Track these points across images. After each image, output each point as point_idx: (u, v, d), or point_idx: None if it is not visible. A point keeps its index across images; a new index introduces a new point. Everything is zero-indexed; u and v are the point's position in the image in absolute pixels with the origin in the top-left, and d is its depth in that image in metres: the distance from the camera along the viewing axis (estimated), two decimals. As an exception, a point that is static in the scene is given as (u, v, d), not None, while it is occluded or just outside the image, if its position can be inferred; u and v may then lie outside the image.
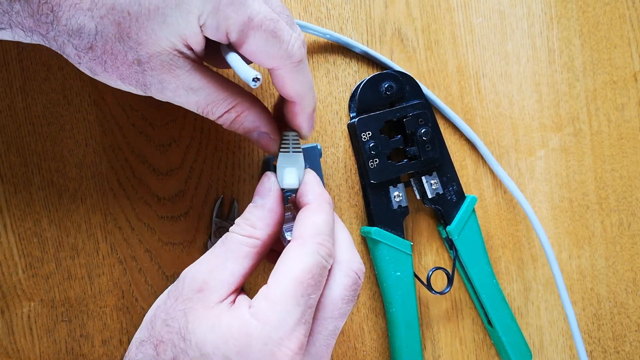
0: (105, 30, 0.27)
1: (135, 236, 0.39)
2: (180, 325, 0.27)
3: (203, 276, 0.28)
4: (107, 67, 0.28)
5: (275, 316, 0.26)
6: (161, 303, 0.30)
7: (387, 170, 0.39)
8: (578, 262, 0.45)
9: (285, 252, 0.29)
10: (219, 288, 0.28)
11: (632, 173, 0.45)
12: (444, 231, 0.42)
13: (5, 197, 0.37)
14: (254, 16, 0.27)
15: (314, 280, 0.27)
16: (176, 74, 0.28)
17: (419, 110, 0.40)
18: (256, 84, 0.28)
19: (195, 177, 0.39)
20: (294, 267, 0.27)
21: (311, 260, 0.28)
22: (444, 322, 0.43)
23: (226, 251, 0.29)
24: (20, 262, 0.37)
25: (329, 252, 0.29)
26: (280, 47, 0.28)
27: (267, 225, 0.30)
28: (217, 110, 0.31)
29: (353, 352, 0.42)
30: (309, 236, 0.29)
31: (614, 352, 0.46)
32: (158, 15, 0.26)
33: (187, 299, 0.28)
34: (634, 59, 0.45)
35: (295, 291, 0.27)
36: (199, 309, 0.27)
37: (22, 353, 0.38)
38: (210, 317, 0.27)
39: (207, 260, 0.29)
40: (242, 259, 0.29)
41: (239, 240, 0.30)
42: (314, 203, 0.31)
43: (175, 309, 0.28)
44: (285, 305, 0.26)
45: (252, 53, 0.29)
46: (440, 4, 0.42)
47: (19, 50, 0.37)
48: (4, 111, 0.37)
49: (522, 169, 0.44)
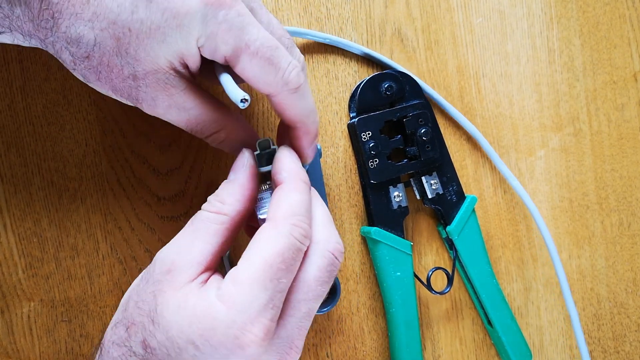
0: (103, 43, 0.27)
1: (135, 236, 0.39)
2: (150, 308, 0.27)
3: (171, 257, 0.28)
4: (101, 77, 0.28)
5: (241, 299, 0.25)
6: (134, 285, 0.29)
7: (387, 170, 0.39)
8: (578, 262, 0.45)
9: (257, 234, 0.28)
10: (187, 268, 0.27)
11: (632, 173, 0.45)
12: (444, 231, 0.42)
13: (5, 197, 0.37)
14: (251, 43, 0.28)
15: (285, 264, 0.26)
16: (170, 92, 0.29)
17: (419, 110, 0.40)
18: (244, 105, 0.28)
19: (195, 177, 0.39)
20: (265, 249, 0.27)
21: (283, 243, 0.27)
22: (444, 322, 0.43)
23: (194, 230, 0.29)
24: (20, 262, 0.37)
25: (304, 234, 0.28)
26: (276, 75, 0.29)
27: (236, 200, 0.30)
28: (206, 131, 0.31)
29: (353, 352, 0.42)
30: (282, 217, 0.28)
31: (614, 352, 0.46)
32: (158, 34, 0.27)
33: (157, 281, 0.27)
34: (634, 59, 0.45)
35: (263, 275, 0.26)
36: (167, 290, 0.27)
37: (22, 353, 0.38)
38: (178, 298, 0.27)
39: (176, 241, 0.29)
40: (211, 236, 0.28)
41: (207, 218, 0.29)
42: (288, 182, 0.30)
43: (145, 291, 0.28)
44: (252, 289, 0.26)
45: (248, 79, 0.29)
46: (440, 4, 0.42)
47: (19, 51, 0.37)
48: (4, 111, 0.37)
49: (522, 169, 0.44)
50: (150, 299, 0.27)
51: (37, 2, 0.26)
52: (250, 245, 0.27)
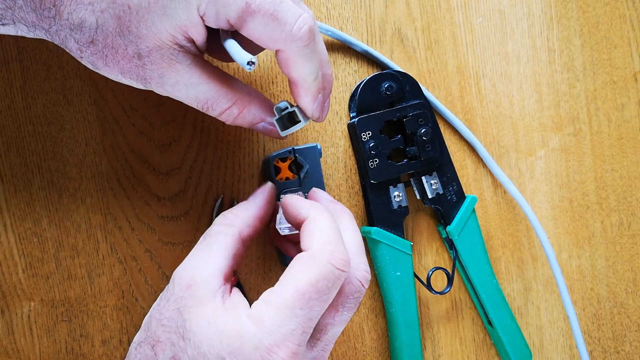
0: (105, 24, 0.27)
1: (135, 236, 0.39)
2: (178, 324, 0.27)
3: (189, 273, 0.29)
4: (108, 61, 0.28)
5: (270, 322, 0.26)
6: (155, 305, 0.30)
7: (387, 170, 0.39)
8: (578, 262, 0.45)
9: (294, 261, 0.28)
10: (206, 281, 0.28)
11: (632, 173, 0.45)
12: (444, 231, 0.42)
13: (5, 197, 0.37)
14: (252, 1, 0.27)
15: (319, 293, 0.27)
16: (176, 68, 0.28)
17: (419, 110, 0.40)
18: (251, 68, 0.27)
19: (195, 177, 0.39)
20: (299, 278, 0.27)
21: (319, 273, 0.27)
22: (444, 322, 0.43)
23: (207, 244, 0.30)
24: (20, 262, 0.37)
25: (344, 260, 0.28)
26: (282, 30, 0.27)
27: (249, 215, 0.31)
28: (217, 107, 0.31)
29: (353, 352, 0.42)
30: (319, 246, 0.28)
31: (614, 352, 0.46)
32: (158, 8, 0.26)
33: (179, 298, 0.28)
34: (634, 59, 0.45)
35: (294, 303, 0.26)
36: (192, 305, 0.28)
37: (22, 353, 0.38)
38: (206, 314, 0.27)
39: (191, 258, 0.30)
40: (224, 249, 0.30)
41: (219, 231, 0.30)
42: (311, 214, 0.30)
43: (168, 308, 0.28)
44: (282, 314, 0.26)
45: (256, 39, 0.28)
46: (440, 4, 0.42)
47: (19, 50, 0.37)
48: (4, 111, 0.37)
49: (522, 169, 0.44)
50: (176, 316, 0.28)
51: None
52: (286, 271, 0.28)
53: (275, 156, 0.38)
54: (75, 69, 0.38)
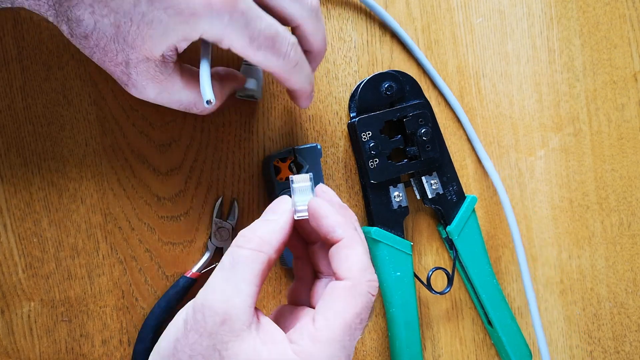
0: (103, 29, 0.27)
1: (135, 236, 0.39)
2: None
3: (221, 307, 0.26)
4: (95, 57, 0.29)
5: (322, 358, 0.26)
6: (179, 336, 0.27)
7: (387, 170, 0.39)
8: (578, 262, 0.45)
9: (334, 291, 0.28)
10: (240, 315, 0.26)
11: (632, 173, 0.45)
12: (444, 231, 0.42)
13: (5, 197, 0.37)
14: (255, 38, 0.29)
15: (362, 322, 0.27)
16: (159, 79, 0.29)
17: (419, 110, 0.40)
18: (209, 106, 0.29)
19: (195, 177, 0.39)
20: (345, 310, 0.27)
21: (362, 303, 0.27)
22: (444, 322, 0.43)
23: (236, 273, 0.27)
24: (20, 262, 0.37)
25: (377, 286, 0.28)
26: (278, 59, 0.30)
27: (277, 241, 0.29)
28: (199, 106, 0.32)
29: (353, 352, 0.42)
30: (358, 275, 0.28)
31: (614, 352, 0.46)
32: (160, 28, 0.27)
33: (212, 333, 0.26)
34: (634, 59, 0.45)
35: (343, 336, 0.26)
36: (229, 341, 0.26)
37: (22, 353, 0.38)
38: (247, 350, 0.26)
39: (220, 287, 0.27)
40: (255, 277, 0.27)
41: (248, 257, 0.28)
42: (347, 237, 0.29)
43: (201, 344, 0.26)
44: (332, 349, 0.26)
45: (252, 62, 0.30)
46: (440, 4, 0.42)
47: (19, 50, 0.37)
48: (4, 111, 0.37)
49: (522, 169, 0.44)
50: (212, 352, 0.26)
51: None
52: (328, 304, 0.28)
53: (275, 156, 0.38)
54: (75, 69, 0.38)
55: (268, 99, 0.40)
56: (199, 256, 0.39)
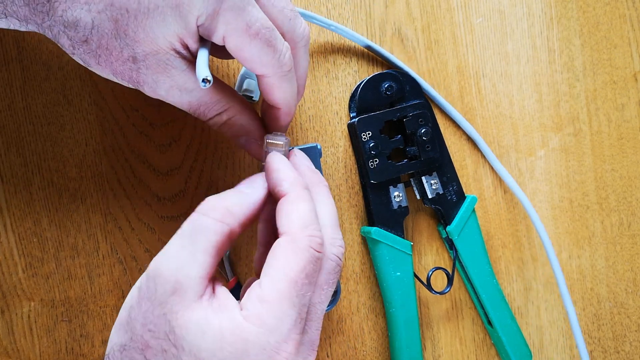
0: (101, 26, 0.26)
1: (135, 236, 0.39)
2: (166, 330, 0.25)
3: (173, 275, 0.26)
4: (101, 61, 0.28)
5: (272, 320, 0.25)
6: (134, 304, 0.27)
7: (387, 170, 0.39)
8: (578, 262, 0.45)
9: (275, 248, 0.27)
10: (193, 285, 0.26)
11: (632, 173, 0.45)
12: (444, 231, 0.42)
13: (5, 197, 0.37)
14: (252, 24, 0.27)
15: (308, 278, 0.26)
16: (171, 73, 0.28)
17: (419, 110, 0.40)
18: (205, 85, 0.27)
19: (195, 177, 0.39)
20: (288, 266, 0.26)
21: (305, 258, 0.26)
22: (444, 322, 0.43)
23: (194, 241, 0.26)
24: (20, 262, 0.37)
25: (320, 242, 0.27)
26: (273, 57, 0.28)
27: (244, 215, 0.28)
28: (209, 112, 0.31)
29: (353, 352, 0.42)
30: (298, 230, 0.27)
31: (614, 352, 0.46)
32: (157, 14, 0.26)
33: (163, 302, 0.25)
34: (634, 59, 0.45)
35: (290, 292, 0.26)
36: (179, 310, 0.25)
37: (22, 353, 0.38)
38: (198, 320, 0.25)
39: (175, 255, 0.26)
40: (213, 248, 0.26)
41: (209, 227, 0.27)
42: (292, 192, 0.29)
43: (152, 313, 0.26)
44: (281, 307, 0.25)
45: (244, 58, 0.28)
46: (440, 4, 0.42)
47: (19, 50, 0.37)
48: (4, 111, 0.37)
49: (522, 169, 0.44)
50: (163, 322, 0.25)
51: None
52: (270, 262, 0.27)
53: None
54: (75, 69, 0.38)
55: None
56: (199, 256, 0.39)
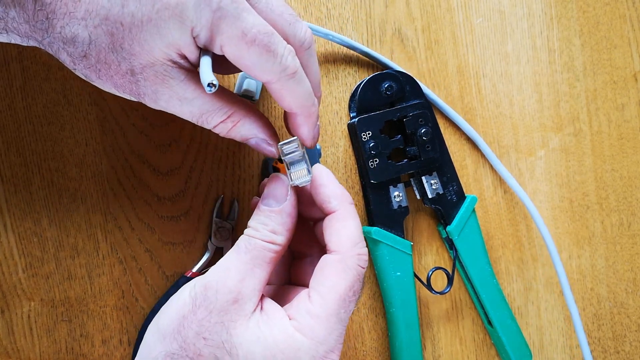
0: (98, 40, 0.27)
1: (135, 236, 0.39)
2: (223, 339, 0.27)
3: (236, 286, 0.28)
4: (101, 75, 0.28)
5: (322, 332, 0.28)
6: (187, 313, 0.28)
7: (387, 170, 0.39)
8: (578, 262, 0.45)
9: (325, 267, 0.29)
10: (252, 297, 0.28)
11: (632, 173, 0.45)
12: (444, 231, 0.42)
13: (5, 197, 0.37)
14: (248, 31, 0.27)
15: (355, 294, 0.29)
16: (170, 84, 0.28)
17: (419, 110, 0.40)
18: (211, 90, 0.27)
19: (195, 177, 0.39)
20: (337, 284, 0.29)
21: (353, 276, 0.29)
22: (444, 322, 0.43)
23: (252, 258, 0.29)
24: (20, 261, 0.37)
25: (366, 259, 0.30)
26: (274, 62, 0.28)
27: (287, 231, 0.30)
28: (212, 120, 0.31)
29: (353, 352, 0.42)
30: (348, 249, 0.29)
31: (614, 352, 0.46)
32: (151, 27, 0.26)
33: (223, 311, 0.28)
34: (634, 59, 0.45)
35: (338, 309, 0.28)
36: (238, 320, 0.28)
37: (22, 353, 0.38)
38: (252, 328, 0.28)
39: (235, 268, 0.29)
40: (268, 264, 0.29)
41: (263, 247, 0.29)
42: (341, 209, 0.30)
43: (210, 321, 0.28)
44: (330, 322, 0.28)
45: (246, 67, 0.28)
46: (440, 4, 0.42)
47: (19, 50, 0.37)
48: (4, 111, 0.37)
49: (522, 169, 0.44)
50: (220, 329, 0.28)
51: (31, 3, 0.26)
52: (319, 279, 0.29)
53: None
54: (75, 69, 0.38)
55: (268, 100, 0.40)
56: (199, 256, 0.39)
